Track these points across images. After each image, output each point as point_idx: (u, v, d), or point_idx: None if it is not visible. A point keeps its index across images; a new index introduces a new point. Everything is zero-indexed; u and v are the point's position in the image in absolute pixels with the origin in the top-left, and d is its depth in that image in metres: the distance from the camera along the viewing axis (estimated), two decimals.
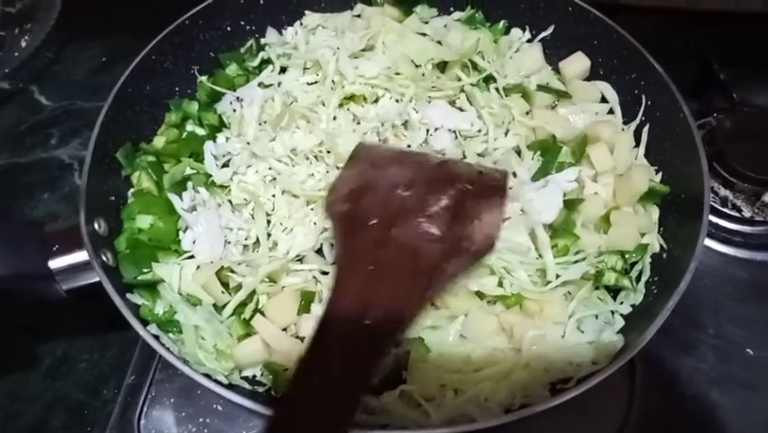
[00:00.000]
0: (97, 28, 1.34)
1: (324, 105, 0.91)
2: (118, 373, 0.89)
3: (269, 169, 0.86)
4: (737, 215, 0.99)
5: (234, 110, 0.94)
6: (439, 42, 0.96)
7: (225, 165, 0.89)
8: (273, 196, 0.84)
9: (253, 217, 0.83)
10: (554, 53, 0.99)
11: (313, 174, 0.86)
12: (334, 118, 0.89)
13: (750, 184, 0.98)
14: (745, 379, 0.87)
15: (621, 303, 0.77)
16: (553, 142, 0.88)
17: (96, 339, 0.93)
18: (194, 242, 0.79)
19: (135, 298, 0.73)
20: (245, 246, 0.82)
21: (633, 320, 0.76)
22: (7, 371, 0.92)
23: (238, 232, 0.81)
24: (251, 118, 0.91)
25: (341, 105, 0.91)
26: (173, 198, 0.82)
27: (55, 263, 0.73)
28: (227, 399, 0.64)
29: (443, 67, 0.95)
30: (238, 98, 0.95)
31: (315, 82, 0.94)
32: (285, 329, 0.76)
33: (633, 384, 0.86)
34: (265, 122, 0.91)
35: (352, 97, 0.91)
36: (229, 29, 1.02)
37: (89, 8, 1.34)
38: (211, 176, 0.86)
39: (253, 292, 0.76)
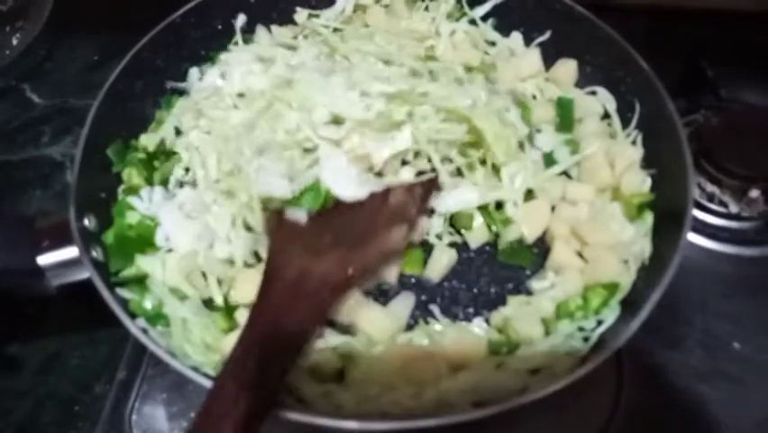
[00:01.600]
0: (89, 26, 1.34)
1: None
2: (110, 370, 0.89)
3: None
4: (724, 210, 1.00)
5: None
6: None
7: None
8: None
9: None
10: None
11: None
12: None
13: (737, 180, 0.99)
14: (732, 373, 0.88)
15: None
16: None
17: (88, 336, 0.93)
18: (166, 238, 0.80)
19: (124, 292, 0.73)
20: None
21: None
22: None
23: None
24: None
25: None
26: (132, 200, 0.83)
27: (44, 259, 0.73)
28: None
29: None
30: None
31: None
32: None
33: (620, 379, 0.86)
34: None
35: None
36: (220, 27, 1.03)
37: (81, 6, 1.34)
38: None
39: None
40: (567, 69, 0.97)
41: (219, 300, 0.77)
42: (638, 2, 1.22)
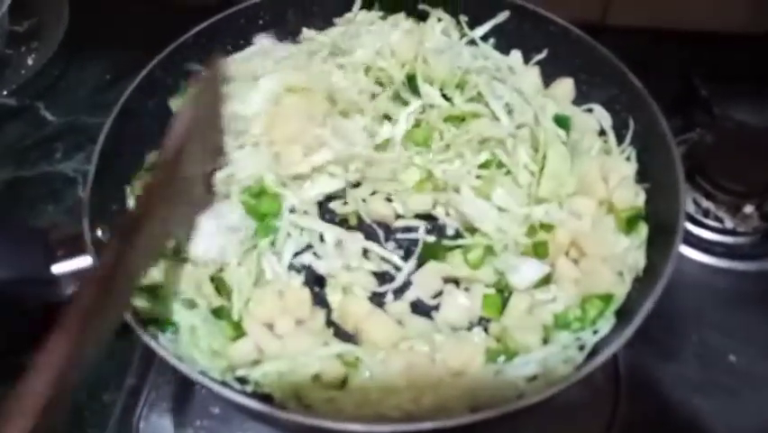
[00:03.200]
0: (101, 47, 1.38)
1: None
2: (118, 378, 0.91)
3: None
4: (719, 226, 1.02)
5: None
6: None
7: None
8: None
9: None
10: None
11: None
12: None
13: (731, 196, 1.01)
14: (728, 385, 0.90)
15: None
16: None
17: None
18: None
19: (135, 301, 0.75)
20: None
21: None
22: (8, 375, 0.94)
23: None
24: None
25: None
26: None
27: (58, 268, 0.75)
28: (221, 397, 0.66)
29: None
30: None
31: None
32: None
33: (617, 391, 0.88)
34: None
35: None
36: (230, 48, 1.06)
37: (94, 28, 1.38)
38: None
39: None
40: (564, 87, 0.99)
41: (235, 315, 0.78)
42: (633, 23, 1.26)
